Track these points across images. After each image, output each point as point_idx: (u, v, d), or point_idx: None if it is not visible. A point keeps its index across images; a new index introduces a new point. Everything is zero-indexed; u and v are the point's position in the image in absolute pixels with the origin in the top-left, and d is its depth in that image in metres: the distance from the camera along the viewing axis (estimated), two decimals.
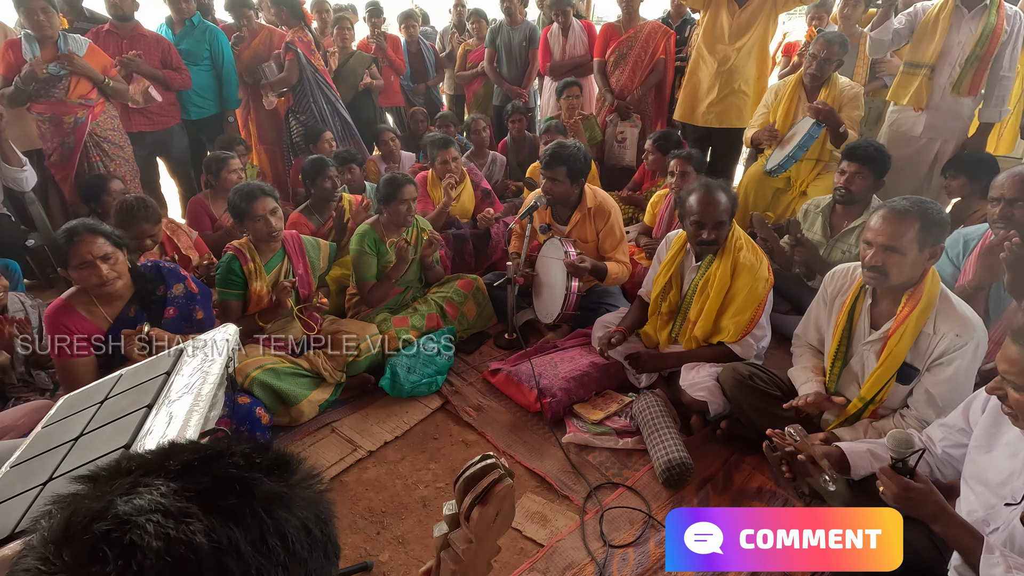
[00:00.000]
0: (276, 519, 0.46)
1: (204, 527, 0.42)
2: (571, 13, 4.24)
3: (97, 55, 3.09)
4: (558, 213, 2.75)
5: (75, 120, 3.04)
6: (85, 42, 3.07)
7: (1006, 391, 1.11)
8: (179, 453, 0.49)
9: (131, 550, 0.40)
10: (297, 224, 2.98)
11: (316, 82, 3.78)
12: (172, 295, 2.05)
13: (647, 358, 2.27)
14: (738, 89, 3.37)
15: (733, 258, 2.11)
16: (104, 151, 3.15)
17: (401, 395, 2.38)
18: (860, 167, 2.41)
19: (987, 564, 1.11)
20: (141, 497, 0.43)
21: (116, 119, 3.21)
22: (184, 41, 3.60)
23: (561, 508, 1.89)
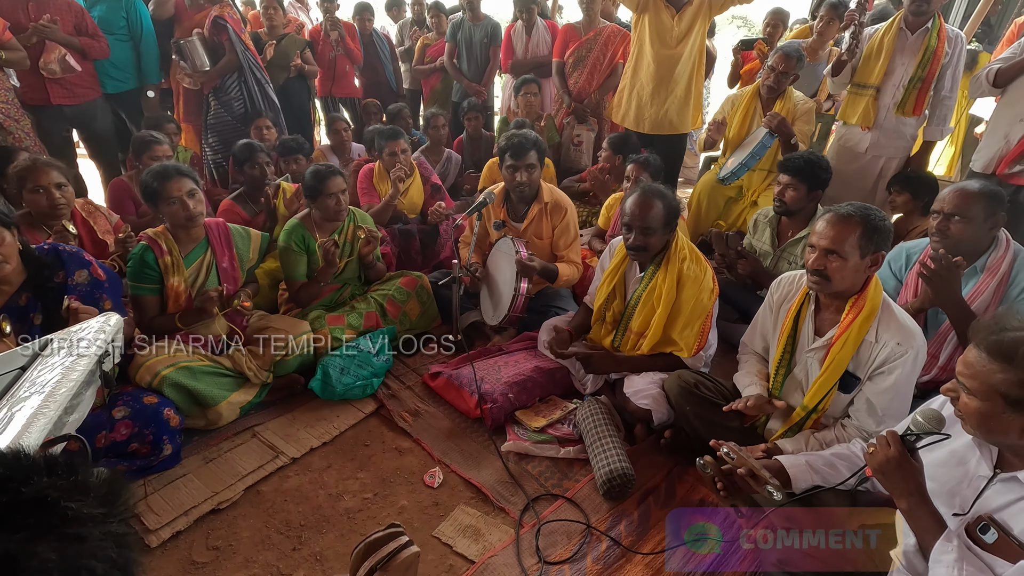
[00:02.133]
0: None
1: None
2: (535, 11, 4.18)
3: None
4: (513, 209, 2.65)
5: None
6: None
7: (959, 393, 1.10)
8: None
9: None
10: (229, 212, 2.78)
11: (248, 62, 3.55)
12: (74, 282, 1.83)
13: (599, 360, 2.19)
14: (679, 94, 3.37)
15: (677, 269, 2.06)
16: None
17: (333, 398, 2.22)
18: (792, 179, 2.42)
19: (940, 550, 1.09)
20: None
21: (11, 92, 2.91)
22: (98, 8, 3.31)
23: (496, 521, 1.78)
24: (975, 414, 1.06)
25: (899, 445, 1.17)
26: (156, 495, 1.79)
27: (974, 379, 1.06)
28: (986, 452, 1.12)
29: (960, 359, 1.10)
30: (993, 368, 1.03)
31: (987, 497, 1.10)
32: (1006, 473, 1.07)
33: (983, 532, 1.09)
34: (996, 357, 1.03)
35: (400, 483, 1.91)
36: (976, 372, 1.05)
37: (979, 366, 1.05)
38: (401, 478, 1.93)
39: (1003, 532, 1.06)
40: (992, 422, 1.05)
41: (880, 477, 1.18)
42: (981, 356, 1.05)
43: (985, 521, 1.09)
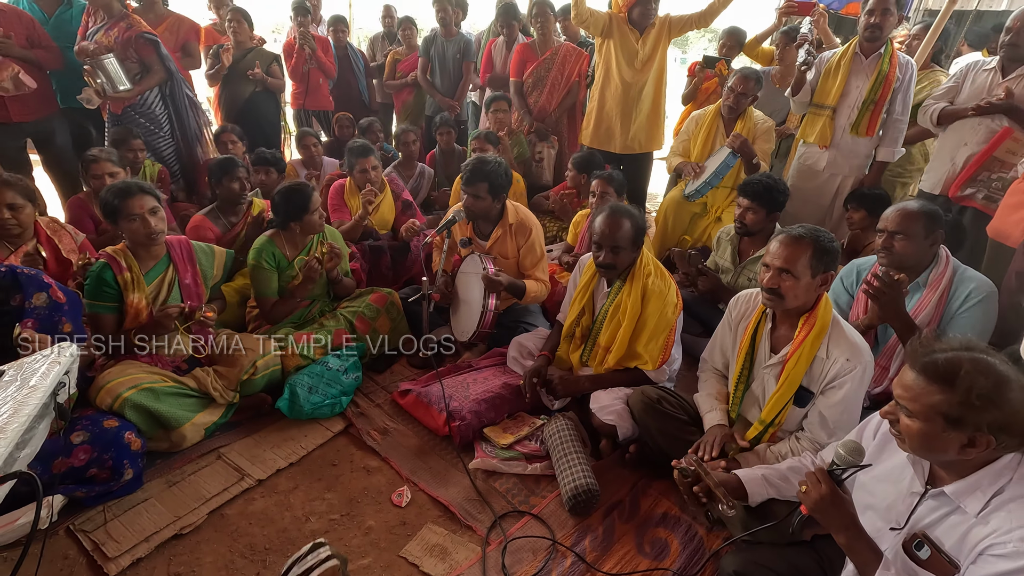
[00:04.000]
0: None
1: None
2: (517, 28, 4.24)
3: None
4: (479, 228, 2.68)
5: None
6: None
7: (898, 415, 1.12)
8: None
9: None
10: (200, 227, 2.75)
11: (177, 79, 3.37)
12: (32, 305, 1.80)
13: (562, 384, 2.21)
14: (644, 113, 3.46)
15: (642, 284, 2.12)
16: None
17: (300, 417, 2.21)
18: (751, 203, 2.52)
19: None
20: None
21: None
22: (62, 22, 3.26)
23: (463, 539, 1.79)
24: (916, 435, 1.08)
25: (829, 482, 1.19)
26: (116, 521, 1.75)
27: (914, 401, 1.08)
28: (919, 469, 1.18)
29: (896, 382, 1.13)
30: (932, 390, 1.05)
31: (920, 513, 1.15)
32: (936, 489, 1.13)
33: (918, 549, 1.14)
34: (933, 379, 1.05)
35: (368, 503, 1.91)
36: (916, 395, 1.07)
37: (918, 388, 1.07)
38: (369, 498, 1.93)
39: (935, 549, 1.11)
40: (932, 441, 1.07)
41: (816, 515, 1.19)
42: (919, 379, 1.07)
43: (920, 538, 1.14)
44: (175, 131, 3.45)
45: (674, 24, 3.32)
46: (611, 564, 1.72)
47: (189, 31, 3.72)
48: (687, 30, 3.41)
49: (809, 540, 1.51)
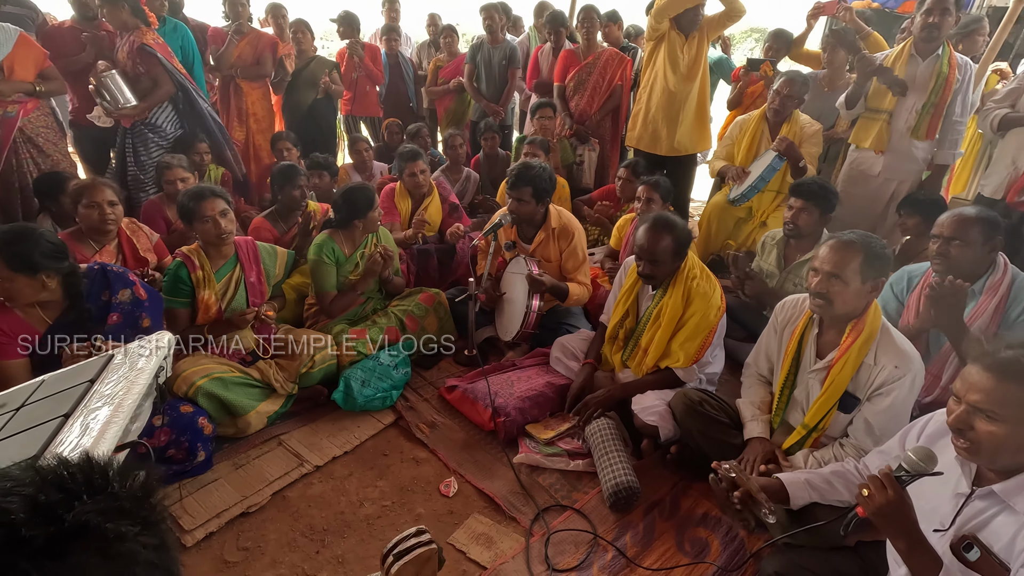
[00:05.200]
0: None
1: None
2: (564, 34, 4.31)
3: (27, 48, 2.91)
4: (523, 232, 2.76)
5: (4, 114, 2.90)
6: (14, 31, 2.87)
7: (972, 423, 1.10)
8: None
9: None
10: (260, 229, 2.93)
11: (183, 86, 3.38)
12: (117, 300, 1.98)
13: (595, 403, 2.20)
14: (690, 116, 3.47)
15: (686, 287, 2.15)
16: (38, 147, 3.02)
17: (354, 409, 2.34)
18: (805, 203, 2.50)
19: None
20: None
21: (49, 116, 3.10)
22: None
23: (507, 530, 1.87)
24: (1001, 439, 1.06)
25: (896, 487, 1.15)
26: (190, 498, 1.91)
27: (1002, 405, 1.05)
28: (967, 470, 1.18)
29: (967, 389, 1.10)
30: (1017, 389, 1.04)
31: (966, 514, 1.16)
32: (983, 488, 1.13)
33: (967, 551, 1.15)
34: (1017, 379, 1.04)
35: (417, 492, 2.01)
36: (1001, 398, 1.05)
37: (1001, 392, 1.05)
38: (418, 487, 2.03)
39: (985, 550, 1.12)
40: (1010, 443, 1.05)
41: (877, 519, 1.16)
42: (1000, 383, 1.05)
43: (969, 540, 1.15)
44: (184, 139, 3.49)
45: (709, 24, 3.33)
46: (651, 560, 1.76)
47: (266, 45, 3.96)
48: (721, 28, 3.42)
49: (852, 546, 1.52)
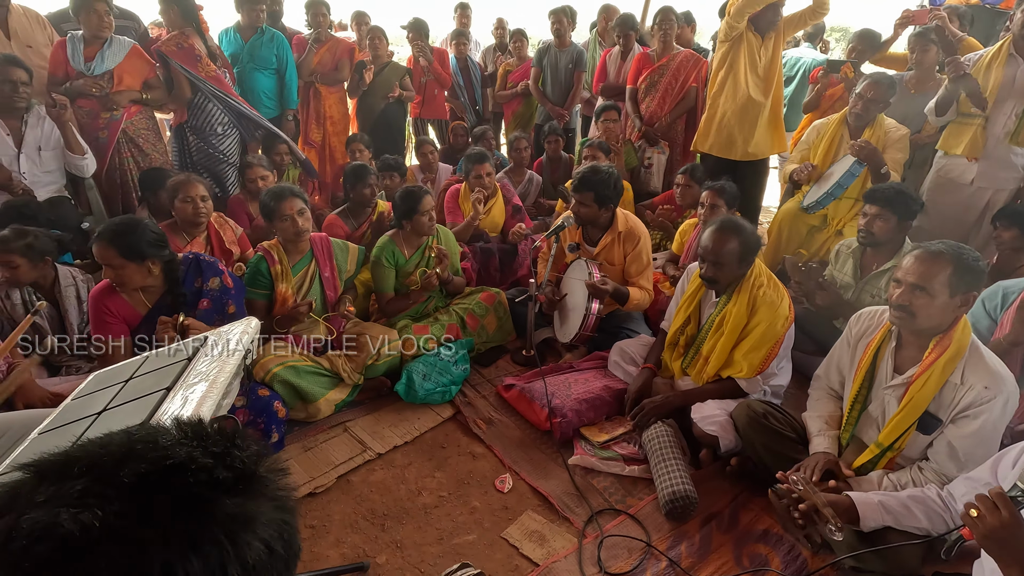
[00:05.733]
0: (238, 544, 0.43)
1: (162, 560, 0.39)
2: (633, 38, 4.29)
3: (137, 59, 3.19)
4: (588, 234, 2.76)
5: (111, 117, 3.19)
6: (128, 44, 3.16)
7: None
8: (135, 459, 0.44)
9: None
10: (332, 225, 3.08)
11: (208, 91, 3.42)
12: (208, 288, 2.15)
13: (654, 408, 2.18)
14: (766, 119, 3.35)
15: (751, 295, 2.08)
16: (138, 147, 3.30)
17: (415, 401, 2.42)
18: (881, 210, 2.36)
19: None
20: (91, 514, 0.39)
21: (152, 119, 3.38)
22: (255, 48, 3.80)
23: (560, 530, 1.88)
24: None
25: (1011, 508, 1.08)
26: None
27: None
28: None
29: None
30: None
31: None
32: None
33: None
34: None
35: (473, 485, 2.06)
36: None
37: None
38: (474, 481, 2.08)
39: None
40: None
41: (988, 544, 1.09)
42: None
43: None
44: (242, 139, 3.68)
45: (786, 24, 3.20)
46: (707, 572, 1.73)
47: (344, 51, 4.18)
48: (799, 28, 3.28)
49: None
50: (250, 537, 0.44)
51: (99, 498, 0.40)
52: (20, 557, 0.38)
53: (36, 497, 0.41)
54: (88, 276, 2.50)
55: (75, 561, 0.38)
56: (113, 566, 0.38)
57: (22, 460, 0.97)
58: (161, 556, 0.39)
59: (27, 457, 1.01)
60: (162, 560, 0.39)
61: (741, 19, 3.10)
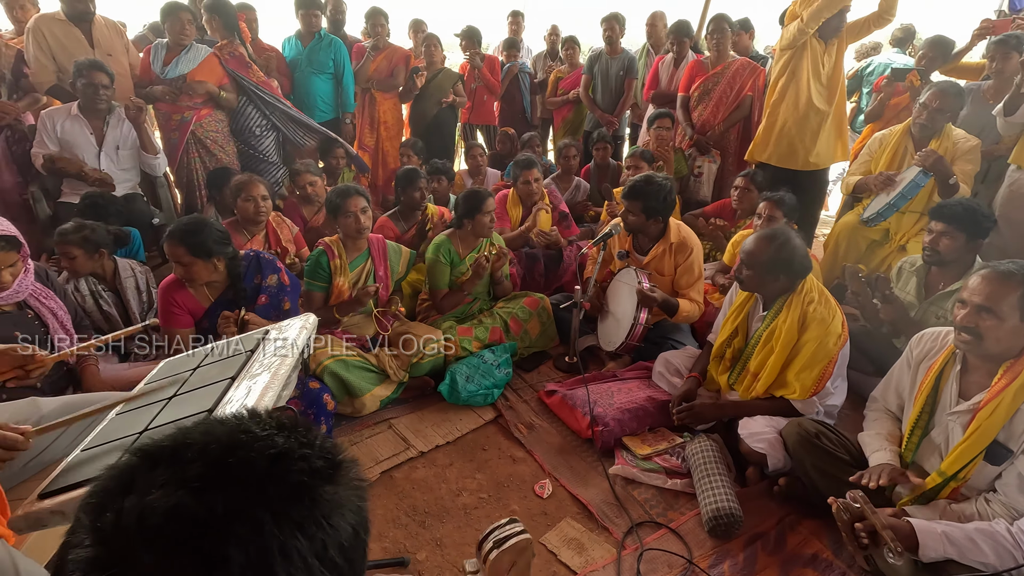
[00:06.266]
0: (335, 528, 0.46)
1: (278, 541, 0.42)
2: (688, 45, 4.24)
3: (211, 66, 3.40)
4: (639, 242, 2.74)
5: (181, 119, 3.40)
6: (205, 51, 3.39)
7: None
8: (242, 448, 0.47)
9: (217, 562, 0.40)
10: (384, 227, 3.17)
11: (258, 96, 3.61)
12: (266, 284, 2.25)
13: (704, 410, 2.18)
14: (828, 128, 3.24)
15: (802, 311, 2.02)
16: (206, 148, 3.49)
17: (457, 402, 2.45)
18: (947, 227, 2.24)
19: None
20: (213, 496, 0.42)
21: (223, 122, 3.56)
22: (313, 52, 3.96)
23: (599, 539, 1.87)
24: None
25: None
26: None
27: None
28: None
29: None
30: None
31: None
32: None
33: None
34: None
35: (512, 489, 2.07)
36: None
37: None
38: (514, 484, 2.09)
39: None
40: None
41: None
42: None
43: None
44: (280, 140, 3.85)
45: (849, 31, 3.09)
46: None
47: (400, 58, 4.31)
48: (863, 35, 3.16)
49: None
50: (342, 521, 0.47)
51: (216, 482, 0.44)
52: (156, 534, 0.41)
53: (156, 479, 0.44)
54: (146, 268, 2.66)
55: (205, 539, 0.41)
56: (238, 544, 0.41)
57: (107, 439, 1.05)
58: (276, 537, 0.42)
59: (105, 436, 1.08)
60: (278, 541, 0.42)
61: (815, 24, 2.98)
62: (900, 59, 4.46)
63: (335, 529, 0.46)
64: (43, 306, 2.03)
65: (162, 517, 0.41)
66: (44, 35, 3.16)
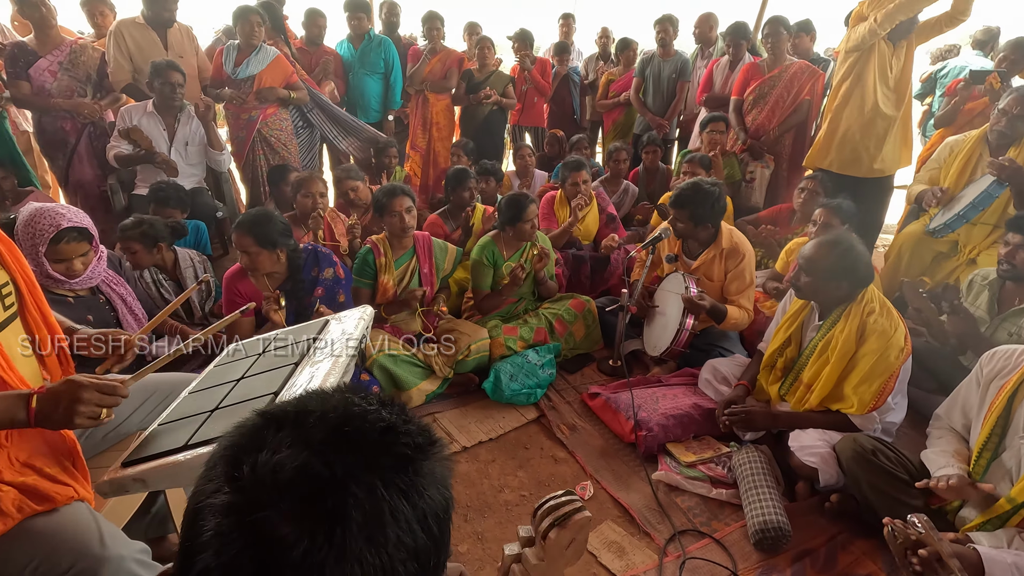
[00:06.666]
0: (432, 500, 0.50)
1: (389, 506, 0.46)
2: (745, 47, 4.15)
3: (281, 64, 3.58)
4: (689, 247, 2.70)
5: (249, 118, 3.58)
6: (273, 53, 3.56)
7: None
8: (356, 419, 0.51)
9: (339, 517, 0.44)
10: (433, 225, 3.24)
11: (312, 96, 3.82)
12: (323, 277, 2.34)
13: (757, 417, 2.12)
14: (895, 134, 3.10)
15: (861, 322, 1.95)
16: (270, 146, 3.65)
17: (500, 400, 2.48)
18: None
19: None
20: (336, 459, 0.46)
21: (287, 121, 3.71)
22: (364, 54, 4.09)
23: (641, 544, 1.85)
24: None
25: None
26: None
27: None
28: None
29: None
30: None
31: None
32: None
33: None
34: None
35: (554, 488, 2.07)
36: None
37: None
38: (555, 484, 2.10)
39: None
40: None
41: None
42: None
43: None
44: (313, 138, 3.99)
45: (920, 31, 2.94)
46: None
47: (453, 61, 4.41)
48: (933, 36, 3.01)
49: None
50: (437, 494, 0.51)
51: (335, 447, 0.48)
52: (287, 487, 0.45)
53: (283, 439, 0.48)
54: (204, 258, 2.79)
55: (328, 496, 0.45)
56: (357, 505, 0.45)
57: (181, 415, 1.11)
58: (386, 501, 0.47)
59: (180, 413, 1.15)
60: (389, 505, 0.47)
61: (890, 25, 2.86)
62: (979, 61, 4.23)
63: (432, 500, 0.50)
64: (114, 292, 2.17)
65: (292, 472, 0.45)
66: (124, 38, 3.38)
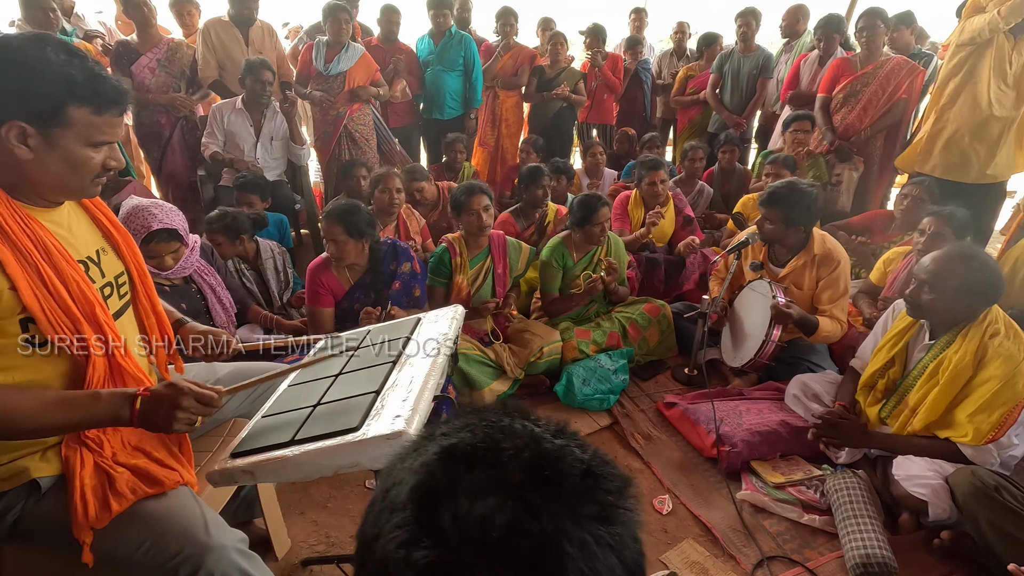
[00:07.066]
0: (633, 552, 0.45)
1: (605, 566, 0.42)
2: (837, 42, 3.90)
3: (368, 61, 3.69)
4: (775, 253, 2.55)
5: (337, 114, 3.67)
6: (360, 50, 3.66)
7: None
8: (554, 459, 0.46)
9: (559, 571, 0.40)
10: (505, 223, 3.21)
11: None
12: (400, 271, 2.35)
13: (850, 431, 1.98)
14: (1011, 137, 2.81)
15: (981, 344, 1.76)
16: (354, 141, 3.74)
17: (572, 404, 2.42)
18: None
19: None
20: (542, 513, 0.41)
21: (369, 116, 3.79)
22: (444, 50, 4.11)
23: (725, 567, 1.75)
24: None
25: None
26: None
27: None
28: None
29: None
30: None
31: None
32: None
33: None
34: None
35: None
36: None
37: None
38: None
39: None
40: None
41: None
42: None
43: None
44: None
45: None
46: None
47: (525, 58, 4.39)
48: None
49: None
50: (636, 544, 0.46)
51: (539, 494, 0.42)
52: (500, 550, 0.40)
53: (478, 483, 0.43)
54: (283, 250, 2.86)
55: (547, 560, 0.39)
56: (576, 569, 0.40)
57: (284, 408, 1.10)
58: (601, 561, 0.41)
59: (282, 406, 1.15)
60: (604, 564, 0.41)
61: (1018, 17, 2.61)
62: None
63: (634, 552, 0.44)
64: (204, 282, 2.26)
65: (504, 529, 0.40)
66: (212, 36, 3.53)
